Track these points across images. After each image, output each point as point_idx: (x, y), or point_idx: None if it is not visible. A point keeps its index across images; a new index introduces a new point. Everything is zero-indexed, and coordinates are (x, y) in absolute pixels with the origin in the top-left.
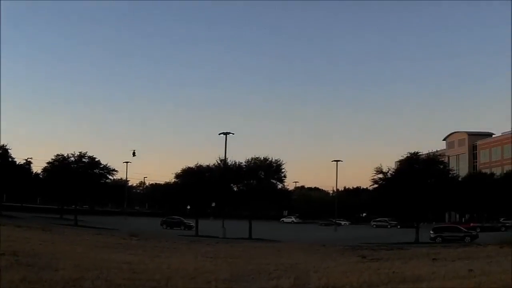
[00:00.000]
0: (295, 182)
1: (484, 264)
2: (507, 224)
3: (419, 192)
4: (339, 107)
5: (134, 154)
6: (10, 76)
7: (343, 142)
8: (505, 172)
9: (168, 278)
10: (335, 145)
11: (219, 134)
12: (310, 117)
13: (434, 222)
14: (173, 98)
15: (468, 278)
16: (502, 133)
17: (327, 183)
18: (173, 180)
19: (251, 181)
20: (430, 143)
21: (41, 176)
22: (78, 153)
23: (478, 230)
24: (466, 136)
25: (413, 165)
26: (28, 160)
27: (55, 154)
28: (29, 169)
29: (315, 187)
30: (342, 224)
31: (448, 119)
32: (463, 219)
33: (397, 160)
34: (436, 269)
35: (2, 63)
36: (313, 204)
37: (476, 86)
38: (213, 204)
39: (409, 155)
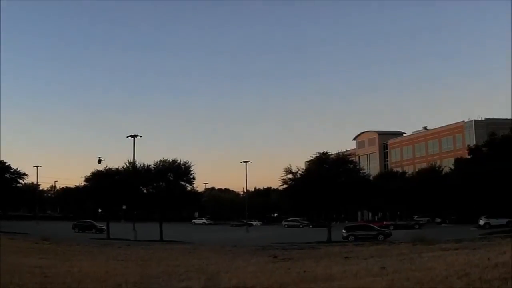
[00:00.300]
0: (205, 183)
1: (397, 262)
2: (421, 222)
3: (328, 191)
4: (248, 107)
5: (99, 161)
6: None
7: (253, 143)
8: (417, 170)
9: (79, 282)
10: (245, 146)
11: (127, 137)
12: (219, 118)
13: (347, 221)
14: (81, 100)
15: (381, 276)
16: (413, 132)
17: (238, 184)
18: (82, 184)
19: (160, 184)
20: (340, 143)
21: None
22: None
23: (392, 228)
24: (376, 136)
25: (322, 164)
26: None
27: None
28: None
29: (225, 188)
30: (254, 224)
31: (358, 119)
32: (376, 217)
33: (307, 160)
34: (348, 268)
35: None
36: (224, 205)
37: (387, 85)
38: (124, 207)
39: (318, 155)
